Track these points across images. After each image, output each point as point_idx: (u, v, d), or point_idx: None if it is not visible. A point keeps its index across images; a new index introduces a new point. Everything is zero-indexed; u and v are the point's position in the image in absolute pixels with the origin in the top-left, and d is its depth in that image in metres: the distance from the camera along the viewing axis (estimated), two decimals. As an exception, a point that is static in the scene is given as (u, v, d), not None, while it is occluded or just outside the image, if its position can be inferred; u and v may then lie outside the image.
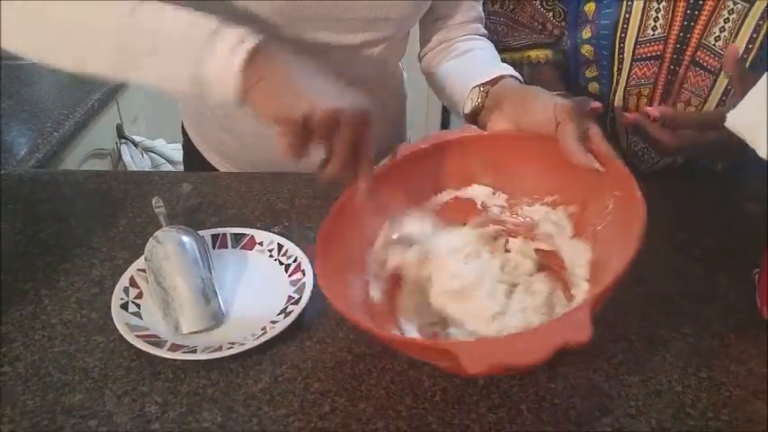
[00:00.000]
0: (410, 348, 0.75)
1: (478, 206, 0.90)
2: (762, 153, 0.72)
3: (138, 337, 0.80)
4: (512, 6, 1.20)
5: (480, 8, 1.12)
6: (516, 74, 0.97)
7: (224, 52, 0.71)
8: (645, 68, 1.10)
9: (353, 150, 0.73)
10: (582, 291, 0.79)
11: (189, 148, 1.26)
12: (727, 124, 0.76)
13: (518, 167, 0.88)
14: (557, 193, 0.86)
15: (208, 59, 0.72)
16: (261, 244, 0.95)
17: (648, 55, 1.08)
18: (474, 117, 0.95)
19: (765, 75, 0.74)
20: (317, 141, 0.72)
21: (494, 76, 0.95)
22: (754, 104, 0.73)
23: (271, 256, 0.93)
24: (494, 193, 0.90)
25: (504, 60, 1.05)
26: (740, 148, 0.75)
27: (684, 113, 1.07)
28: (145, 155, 2.05)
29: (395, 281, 0.85)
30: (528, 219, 0.89)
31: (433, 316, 0.82)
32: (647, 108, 0.91)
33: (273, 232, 0.96)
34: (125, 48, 0.74)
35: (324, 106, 0.70)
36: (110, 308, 0.84)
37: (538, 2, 1.17)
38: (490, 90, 0.94)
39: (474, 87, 0.95)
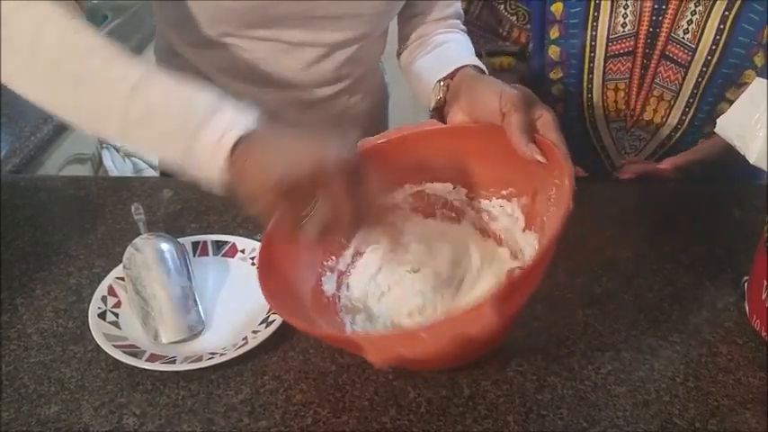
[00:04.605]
0: (328, 340, 0.77)
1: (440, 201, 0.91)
2: (751, 159, 0.72)
3: (115, 347, 0.78)
4: (477, 12, 1.20)
5: (459, 5, 1.11)
6: (479, 63, 0.95)
7: (210, 146, 0.68)
8: (619, 64, 1.11)
9: (356, 208, 0.68)
10: None
11: None
12: (716, 130, 0.75)
13: (475, 160, 0.87)
14: (511, 185, 0.86)
15: (197, 148, 0.69)
16: (243, 251, 0.93)
17: (621, 51, 1.10)
18: (439, 112, 0.93)
19: (754, 81, 0.74)
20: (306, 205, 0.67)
21: (453, 69, 0.93)
22: (743, 111, 0.73)
23: (253, 264, 0.91)
24: (453, 188, 0.89)
25: None
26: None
27: (690, 160, 1.08)
28: (126, 160, 2.03)
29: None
30: (485, 213, 0.89)
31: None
32: (662, 166, 0.97)
33: (256, 240, 0.94)
34: (125, 121, 0.71)
35: (299, 168, 0.66)
36: (87, 317, 0.82)
37: (502, 6, 1.17)
38: (450, 84, 0.92)
39: (436, 82, 0.94)
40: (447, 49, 1.04)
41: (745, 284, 0.84)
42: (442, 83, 0.93)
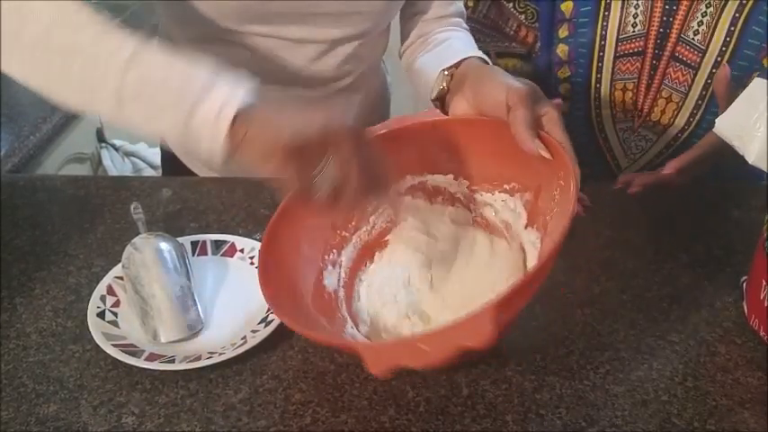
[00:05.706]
0: (325, 344, 0.77)
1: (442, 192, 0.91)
2: (750, 159, 0.72)
3: (114, 346, 0.78)
4: (484, 11, 1.20)
5: (460, 3, 1.11)
6: (483, 56, 0.95)
7: (210, 118, 0.69)
8: (628, 64, 1.11)
9: (365, 172, 0.70)
10: None
11: (166, 151, 1.25)
12: (715, 130, 0.75)
13: (478, 152, 0.87)
14: (514, 179, 0.85)
15: (195, 121, 0.70)
16: (242, 251, 0.93)
17: (630, 51, 1.09)
18: (441, 101, 0.93)
19: (753, 82, 0.74)
20: (315, 168, 0.68)
21: (459, 59, 0.93)
22: (741, 111, 0.73)
23: (252, 263, 0.91)
24: (455, 180, 0.89)
25: None
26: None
27: (692, 159, 1.03)
28: (126, 159, 2.03)
29: (354, 270, 0.87)
30: (488, 206, 0.88)
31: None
32: (665, 171, 0.95)
33: (255, 239, 0.94)
34: (120, 94, 0.71)
35: (309, 129, 0.68)
36: (86, 316, 0.82)
37: (510, 4, 1.17)
38: (454, 73, 0.92)
39: (440, 71, 0.94)
40: (449, 45, 1.04)
41: (744, 284, 0.84)
42: (446, 72, 0.93)
